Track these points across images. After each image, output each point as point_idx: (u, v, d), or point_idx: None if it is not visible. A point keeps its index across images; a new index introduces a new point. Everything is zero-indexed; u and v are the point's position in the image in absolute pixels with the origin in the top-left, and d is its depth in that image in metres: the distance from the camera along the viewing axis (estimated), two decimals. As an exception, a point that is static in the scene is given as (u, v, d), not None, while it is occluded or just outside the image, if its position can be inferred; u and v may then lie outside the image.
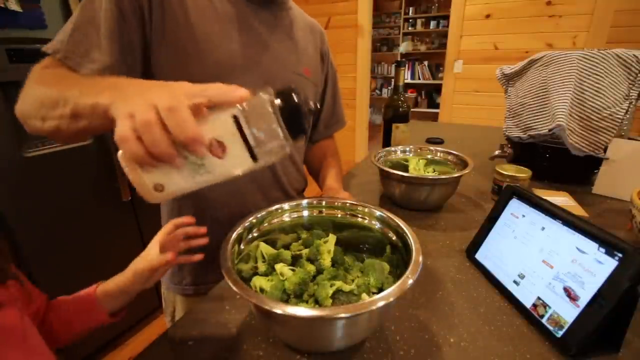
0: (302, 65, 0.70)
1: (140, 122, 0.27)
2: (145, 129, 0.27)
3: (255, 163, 0.31)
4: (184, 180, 0.31)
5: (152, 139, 0.27)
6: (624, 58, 0.79)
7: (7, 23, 1.02)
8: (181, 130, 0.27)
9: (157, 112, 0.28)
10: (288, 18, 0.69)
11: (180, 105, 0.28)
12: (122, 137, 0.28)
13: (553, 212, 0.50)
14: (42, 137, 1.08)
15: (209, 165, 0.30)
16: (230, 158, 0.30)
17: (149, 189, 0.31)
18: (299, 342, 0.42)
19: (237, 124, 0.29)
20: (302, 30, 0.73)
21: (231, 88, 0.30)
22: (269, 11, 0.64)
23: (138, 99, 0.29)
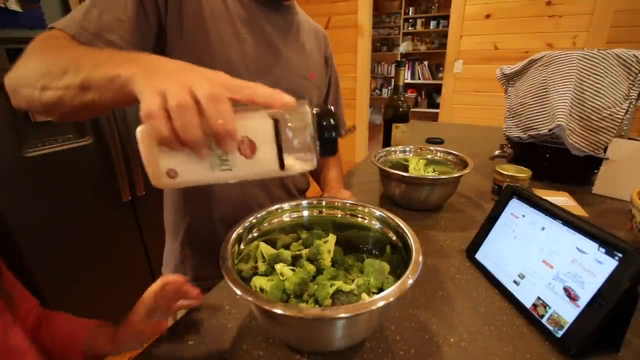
0: (308, 69, 0.71)
1: (176, 102, 0.26)
2: (180, 110, 0.26)
3: (280, 170, 0.31)
4: (202, 171, 0.30)
5: (185, 122, 0.26)
6: (624, 58, 0.79)
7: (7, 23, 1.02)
8: (219, 120, 0.26)
9: (194, 96, 0.26)
10: (296, 22, 0.70)
11: (222, 94, 0.27)
12: (151, 111, 0.26)
13: (553, 212, 0.50)
14: (42, 137, 1.08)
15: (233, 162, 0.29)
16: (257, 160, 0.30)
17: (161, 173, 0.29)
18: (299, 342, 0.42)
19: (275, 129, 0.29)
20: (308, 35, 0.73)
21: (277, 91, 0.29)
22: (280, 15, 0.65)
23: (171, 78, 0.28)
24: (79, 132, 1.17)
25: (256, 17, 0.61)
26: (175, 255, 0.69)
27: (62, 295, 1.16)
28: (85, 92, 0.35)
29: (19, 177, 1.03)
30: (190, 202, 0.65)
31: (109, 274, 1.31)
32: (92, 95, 0.35)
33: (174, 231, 0.69)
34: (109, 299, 1.30)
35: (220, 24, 0.56)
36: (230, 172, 0.30)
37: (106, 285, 1.31)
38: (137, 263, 1.42)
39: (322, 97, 0.81)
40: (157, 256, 0.76)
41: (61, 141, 1.12)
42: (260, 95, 0.28)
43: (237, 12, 0.58)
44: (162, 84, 0.27)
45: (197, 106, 0.26)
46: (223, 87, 0.28)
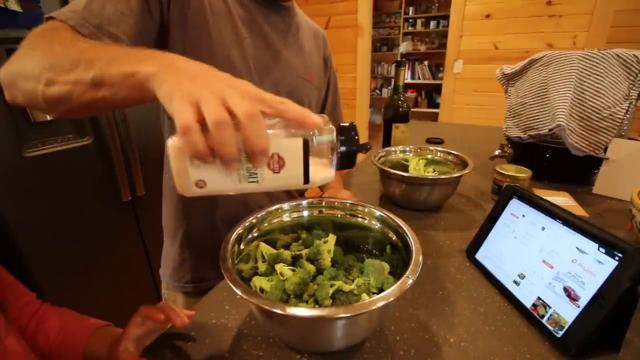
0: (307, 70, 0.71)
1: (214, 117, 0.25)
2: (219, 126, 0.25)
3: (304, 185, 0.33)
4: (230, 183, 0.31)
5: (222, 139, 0.26)
6: (624, 58, 0.79)
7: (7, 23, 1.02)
8: (256, 139, 0.26)
9: (229, 110, 0.26)
10: (295, 23, 0.70)
11: (258, 112, 0.27)
12: (188, 126, 0.25)
13: (553, 212, 0.50)
14: (42, 137, 1.08)
15: (260, 175, 0.31)
16: (284, 175, 0.31)
17: (190, 183, 0.30)
18: (299, 342, 0.42)
19: (305, 148, 0.30)
20: (307, 36, 0.73)
21: (307, 111, 0.29)
22: (279, 16, 0.65)
23: (201, 86, 0.27)
24: (79, 132, 1.17)
25: (255, 17, 0.61)
26: (174, 257, 0.69)
27: (62, 295, 1.16)
28: (97, 89, 0.33)
29: (18, 177, 1.03)
30: (190, 204, 0.65)
31: (109, 274, 1.31)
32: (104, 92, 0.33)
33: (173, 233, 0.68)
34: (109, 299, 1.30)
35: (221, 23, 0.56)
36: (257, 185, 0.31)
37: (106, 285, 1.30)
38: (137, 263, 1.42)
39: (321, 98, 0.81)
40: (157, 256, 0.76)
41: (61, 141, 1.12)
42: (292, 112, 0.29)
43: (237, 12, 0.58)
44: (194, 92, 0.26)
45: (233, 121, 0.26)
46: (256, 100, 0.28)
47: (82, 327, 0.47)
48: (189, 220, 0.66)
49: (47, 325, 0.47)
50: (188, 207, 0.65)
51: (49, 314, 0.48)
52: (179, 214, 0.66)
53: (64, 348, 0.45)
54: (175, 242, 0.68)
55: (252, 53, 0.60)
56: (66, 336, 0.46)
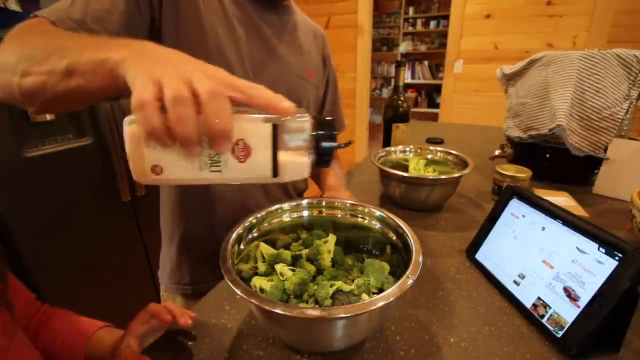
0: (305, 69, 0.71)
1: (172, 93, 0.24)
2: (176, 102, 0.24)
3: (272, 177, 0.30)
4: (190, 170, 0.28)
5: (180, 116, 0.24)
6: (624, 58, 0.79)
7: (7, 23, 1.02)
8: (216, 119, 0.25)
9: (192, 90, 0.25)
10: (292, 22, 0.69)
11: (223, 92, 0.25)
12: (143, 101, 0.24)
13: (553, 212, 0.50)
14: (42, 137, 1.08)
15: (224, 164, 0.28)
16: (250, 165, 0.29)
17: (145, 168, 0.28)
18: (299, 342, 0.42)
19: (273, 135, 0.28)
20: (305, 34, 0.73)
21: (279, 96, 0.28)
22: (275, 14, 0.65)
23: (168, 68, 0.26)
24: (79, 132, 1.17)
25: (252, 16, 0.60)
26: (172, 259, 0.68)
27: (62, 295, 1.16)
28: (70, 77, 0.33)
29: (18, 177, 1.03)
30: (188, 206, 0.65)
31: (109, 274, 1.31)
32: (77, 80, 0.32)
33: (171, 235, 0.68)
34: (109, 299, 1.30)
35: (217, 22, 0.55)
36: (220, 174, 0.29)
37: (106, 285, 1.30)
38: (137, 263, 1.42)
39: (319, 98, 0.81)
40: (157, 256, 0.76)
41: (61, 141, 1.12)
42: (262, 97, 0.27)
43: (233, 11, 0.58)
44: (158, 72, 0.25)
45: (195, 101, 0.25)
46: (224, 84, 0.26)
47: (83, 327, 0.47)
48: (186, 221, 0.66)
49: (48, 326, 0.47)
50: (185, 209, 0.65)
51: (50, 315, 0.48)
52: (176, 216, 0.66)
53: (65, 349, 0.45)
54: (173, 244, 0.68)
55: (248, 52, 0.60)
56: (67, 337, 0.46)
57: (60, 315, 0.49)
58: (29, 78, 0.35)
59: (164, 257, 0.71)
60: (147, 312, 0.43)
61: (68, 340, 0.46)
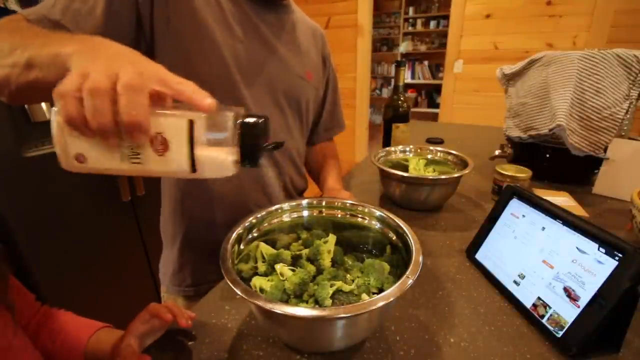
0: (305, 69, 0.71)
1: (89, 85, 0.25)
2: (91, 94, 0.25)
3: (192, 173, 0.30)
4: (110, 160, 0.29)
5: (94, 107, 0.25)
6: (624, 58, 0.79)
7: (7, 23, 1.02)
8: (130, 111, 0.25)
9: (113, 82, 0.25)
10: (291, 21, 0.69)
11: (143, 86, 0.26)
12: (62, 92, 0.25)
13: (553, 212, 0.50)
14: (42, 137, 1.08)
15: (143, 156, 0.29)
16: (168, 158, 0.29)
17: (69, 156, 0.29)
18: (299, 342, 0.42)
19: (190, 130, 0.28)
20: (305, 34, 0.73)
21: (202, 93, 0.28)
22: (273, 14, 0.64)
23: (101, 62, 0.27)
24: (79, 132, 1.17)
25: (249, 15, 0.60)
26: (174, 261, 0.68)
27: (62, 295, 1.16)
28: (30, 70, 0.34)
29: (18, 177, 1.03)
30: (189, 207, 0.65)
31: (109, 274, 1.31)
32: (36, 73, 0.34)
33: (172, 237, 0.68)
34: (109, 299, 1.30)
35: (214, 24, 0.55)
36: (140, 166, 0.30)
37: (106, 286, 1.30)
38: (137, 263, 1.42)
39: (319, 98, 0.81)
40: (157, 257, 0.76)
41: (61, 141, 1.12)
42: (185, 92, 0.28)
43: (230, 9, 0.57)
44: (90, 66, 0.26)
45: (112, 93, 0.25)
46: (154, 79, 0.27)
47: (83, 328, 0.47)
48: (187, 223, 0.66)
49: (48, 327, 0.47)
50: (186, 210, 0.65)
51: (49, 315, 0.48)
52: (177, 217, 0.66)
53: (65, 349, 0.45)
54: (175, 246, 0.68)
55: (246, 52, 0.59)
56: (67, 337, 0.46)
57: (60, 316, 0.49)
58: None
59: (166, 259, 0.71)
60: (147, 312, 0.43)
61: (68, 341, 0.46)
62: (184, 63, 0.54)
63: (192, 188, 0.63)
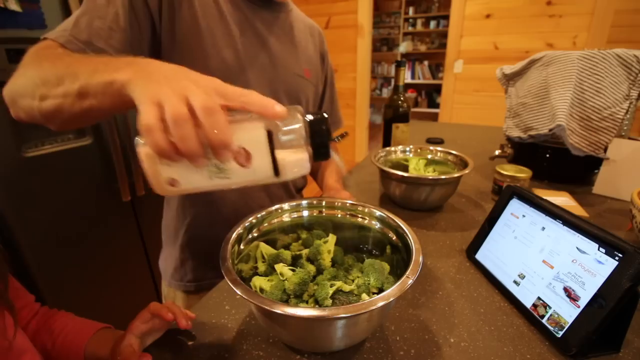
0: (303, 67, 0.71)
1: (172, 114, 0.26)
2: (177, 123, 0.26)
3: (275, 177, 0.32)
4: (201, 180, 0.31)
5: (182, 135, 0.26)
6: (624, 58, 0.79)
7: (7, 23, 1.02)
8: (215, 132, 0.27)
9: (190, 106, 0.26)
10: (288, 20, 0.69)
11: (216, 105, 0.27)
12: (149, 126, 0.26)
13: (553, 212, 0.50)
14: (42, 137, 1.08)
15: (230, 170, 0.30)
16: (253, 168, 0.31)
17: (163, 183, 0.31)
18: (299, 342, 0.42)
19: (269, 139, 0.30)
20: (303, 32, 0.73)
21: (270, 101, 0.29)
22: (272, 12, 0.64)
23: (166, 87, 0.28)
24: (79, 132, 1.17)
25: (247, 15, 0.60)
26: (176, 257, 0.69)
27: (62, 295, 1.16)
28: (84, 99, 0.35)
29: (18, 177, 1.03)
30: (191, 204, 0.66)
31: (109, 274, 1.31)
32: (90, 101, 0.35)
33: (175, 234, 0.69)
34: (109, 299, 1.30)
35: (213, 25, 0.56)
36: (228, 180, 0.31)
37: (106, 286, 1.30)
38: (137, 263, 1.42)
39: (318, 95, 0.81)
40: (157, 256, 0.76)
41: (61, 141, 1.12)
42: (254, 104, 0.29)
43: (228, 10, 0.58)
44: (158, 93, 0.27)
45: (193, 117, 0.26)
46: (218, 94, 0.28)
47: (83, 329, 0.47)
48: (190, 221, 0.66)
49: (48, 327, 0.47)
50: (190, 208, 0.65)
51: (49, 316, 0.48)
52: (180, 215, 0.67)
53: (65, 350, 0.45)
54: (177, 242, 0.68)
55: (245, 52, 0.60)
56: (67, 338, 0.46)
57: (60, 317, 0.49)
58: (47, 101, 0.38)
59: (167, 254, 0.72)
60: (148, 311, 0.43)
61: (67, 341, 0.45)
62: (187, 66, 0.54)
63: None
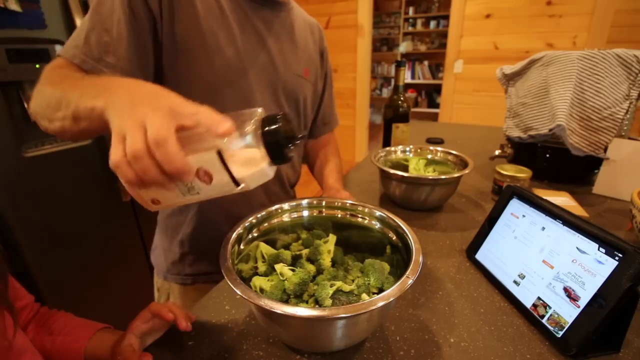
0: (302, 66, 0.71)
1: (131, 151, 0.28)
2: (135, 159, 0.28)
3: (238, 188, 0.34)
4: (176, 197, 0.34)
5: (142, 168, 0.28)
6: (624, 58, 0.79)
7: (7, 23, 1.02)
8: (169, 163, 0.28)
9: (145, 140, 0.28)
10: (289, 18, 0.69)
11: (168, 135, 0.28)
12: (115, 163, 0.29)
13: (553, 212, 0.50)
14: (42, 137, 1.08)
15: (198, 188, 0.33)
16: (216, 184, 0.33)
17: (147, 202, 0.34)
18: (299, 342, 0.42)
19: (220, 158, 0.31)
20: (303, 30, 0.73)
21: (218, 120, 0.30)
22: (270, 11, 0.64)
23: (128, 117, 0.30)
24: (79, 132, 1.17)
25: (248, 13, 0.60)
26: (174, 252, 0.69)
27: (62, 295, 1.16)
28: (79, 122, 0.39)
29: (18, 177, 1.03)
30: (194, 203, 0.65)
31: (109, 274, 1.31)
32: (84, 124, 0.39)
33: (174, 230, 0.68)
34: (109, 299, 1.30)
35: (215, 24, 0.55)
36: (198, 196, 0.34)
37: (106, 286, 1.31)
38: (137, 263, 1.42)
39: (317, 94, 0.80)
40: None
41: (61, 141, 1.12)
42: (204, 124, 0.30)
43: (230, 9, 0.58)
44: (122, 126, 0.30)
45: (149, 151, 0.28)
46: (173, 115, 0.30)
47: (83, 329, 0.47)
48: (192, 217, 0.66)
49: (47, 328, 0.47)
50: (191, 206, 0.65)
51: (49, 317, 0.48)
52: (182, 212, 0.67)
53: (64, 350, 0.45)
54: (176, 237, 0.68)
55: (245, 51, 0.59)
56: (66, 338, 0.46)
57: (60, 317, 0.49)
58: (53, 123, 0.44)
59: (165, 248, 0.71)
60: (149, 311, 0.43)
61: (67, 342, 0.45)
62: (190, 69, 0.55)
63: None
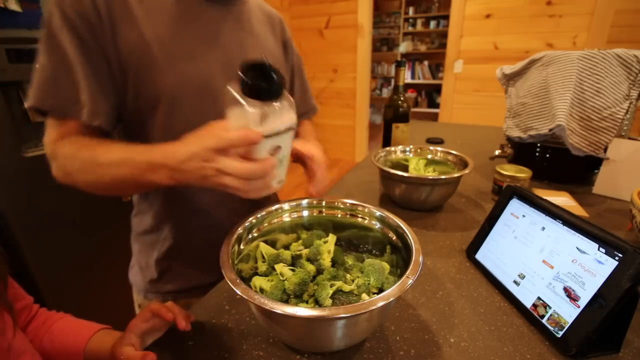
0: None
1: (232, 188, 0.37)
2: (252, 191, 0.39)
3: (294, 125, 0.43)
4: (282, 171, 0.44)
5: (256, 189, 0.39)
6: (624, 58, 0.79)
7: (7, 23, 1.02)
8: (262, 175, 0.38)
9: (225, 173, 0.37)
10: (245, 12, 0.64)
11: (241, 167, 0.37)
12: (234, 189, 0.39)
13: (553, 212, 0.50)
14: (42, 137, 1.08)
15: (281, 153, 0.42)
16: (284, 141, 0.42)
17: (276, 187, 0.44)
18: (299, 342, 0.42)
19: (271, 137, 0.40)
20: (261, 23, 0.68)
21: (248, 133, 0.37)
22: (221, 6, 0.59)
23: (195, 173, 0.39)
24: (79, 132, 1.17)
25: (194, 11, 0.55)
26: (151, 272, 0.64)
27: (62, 295, 1.16)
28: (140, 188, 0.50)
29: (18, 177, 1.03)
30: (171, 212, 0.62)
31: (109, 274, 1.31)
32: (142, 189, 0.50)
33: (149, 248, 0.64)
34: (109, 300, 1.30)
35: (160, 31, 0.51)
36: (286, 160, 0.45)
37: (106, 286, 1.30)
38: (137, 263, 1.42)
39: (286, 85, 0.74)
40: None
41: (61, 141, 1.12)
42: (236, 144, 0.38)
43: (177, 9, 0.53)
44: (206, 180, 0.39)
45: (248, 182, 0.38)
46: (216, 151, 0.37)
47: (82, 330, 0.47)
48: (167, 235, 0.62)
49: (47, 329, 0.47)
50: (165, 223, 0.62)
51: (48, 317, 0.48)
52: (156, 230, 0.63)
53: (64, 351, 0.45)
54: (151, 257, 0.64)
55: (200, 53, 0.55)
56: (66, 339, 0.46)
57: (59, 318, 0.49)
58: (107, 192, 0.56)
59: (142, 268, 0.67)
60: (149, 310, 0.43)
61: (67, 343, 0.45)
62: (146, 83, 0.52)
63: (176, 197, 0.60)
